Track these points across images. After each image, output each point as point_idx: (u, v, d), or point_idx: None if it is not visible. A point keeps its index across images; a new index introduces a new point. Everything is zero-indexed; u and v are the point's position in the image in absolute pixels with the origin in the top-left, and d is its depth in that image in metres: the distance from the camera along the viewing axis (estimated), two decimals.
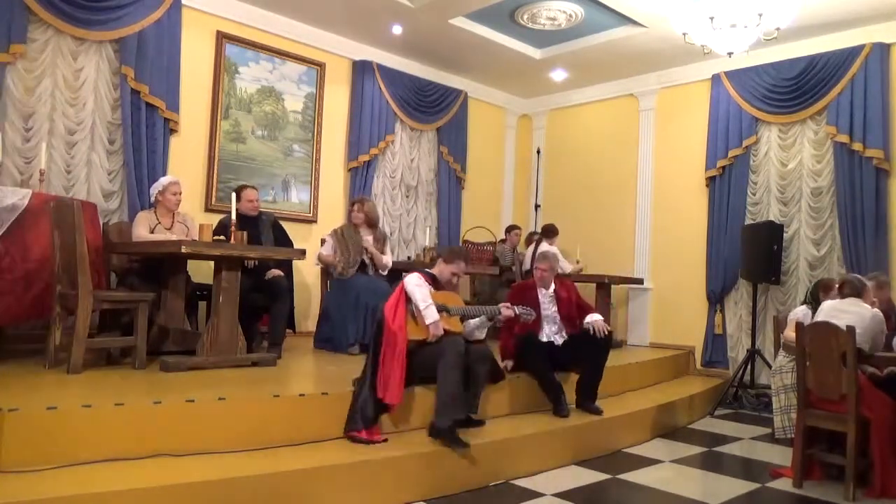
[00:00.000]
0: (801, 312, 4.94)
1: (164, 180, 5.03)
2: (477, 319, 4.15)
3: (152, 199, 5.03)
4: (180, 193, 5.04)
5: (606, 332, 4.67)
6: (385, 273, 5.84)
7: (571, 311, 4.90)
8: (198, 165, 6.15)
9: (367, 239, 5.79)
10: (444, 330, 3.89)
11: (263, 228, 5.45)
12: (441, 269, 4.13)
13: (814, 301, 4.89)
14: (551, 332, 4.85)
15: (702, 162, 7.29)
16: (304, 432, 3.51)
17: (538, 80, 8.25)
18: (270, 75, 6.67)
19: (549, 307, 4.89)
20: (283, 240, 5.59)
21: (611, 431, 4.72)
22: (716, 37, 5.36)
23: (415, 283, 3.95)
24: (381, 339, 3.79)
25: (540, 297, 4.90)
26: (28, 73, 5.22)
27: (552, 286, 4.95)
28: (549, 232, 7.55)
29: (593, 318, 4.72)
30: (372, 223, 5.89)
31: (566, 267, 7.25)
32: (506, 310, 4.19)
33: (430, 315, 3.86)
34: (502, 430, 4.08)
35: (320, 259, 5.83)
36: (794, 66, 6.60)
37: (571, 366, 4.82)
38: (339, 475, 3.22)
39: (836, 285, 4.54)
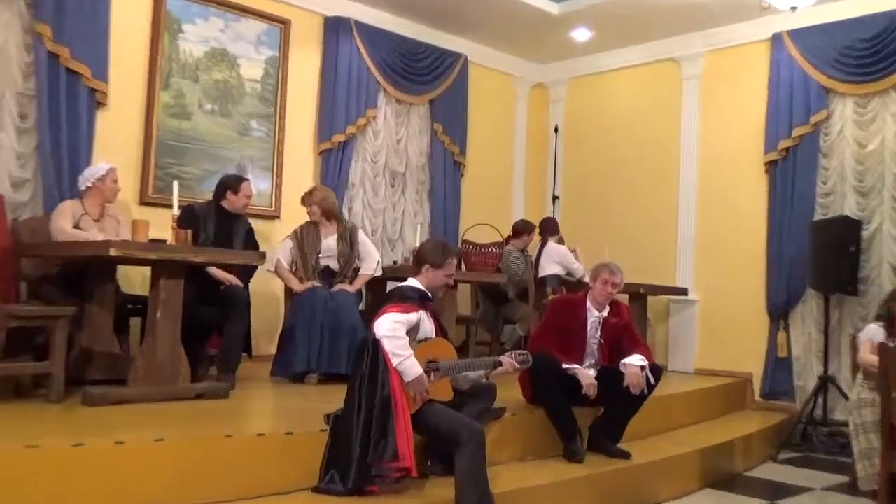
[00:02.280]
0: (873, 331, 5.01)
1: (104, 166, 5.09)
2: (473, 375, 4.04)
3: (83, 186, 5.05)
4: (119, 182, 5.12)
5: (644, 390, 4.63)
6: (376, 272, 5.92)
7: (615, 339, 4.85)
8: (131, 147, 6.12)
9: (327, 242, 5.83)
10: (432, 398, 3.73)
11: (238, 232, 5.49)
12: (432, 278, 4.02)
13: (888, 316, 4.97)
14: (585, 365, 4.80)
15: (760, 143, 7.29)
16: (264, 482, 3.48)
17: (556, 42, 8.23)
18: (222, 35, 6.65)
19: (593, 335, 4.84)
20: (252, 248, 5.57)
21: (647, 480, 4.71)
22: None
23: (384, 333, 3.65)
24: (387, 385, 3.61)
25: (589, 320, 4.83)
26: None
27: (606, 308, 4.87)
28: (552, 228, 7.57)
29: (631, 369, 4.59)
30: (330, 214, 5.94)
31: (577, 269, 7.24)
32: (506, 360, 4.09)
33: (410, 371, 3.61)
34: (511, 478, 4.05)
35: (276, 269, 5.79)
36: (874, 24, 6.60)
37: (598, 402, 4.78)
38: None
39: None
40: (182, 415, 4.01)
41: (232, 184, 5.49)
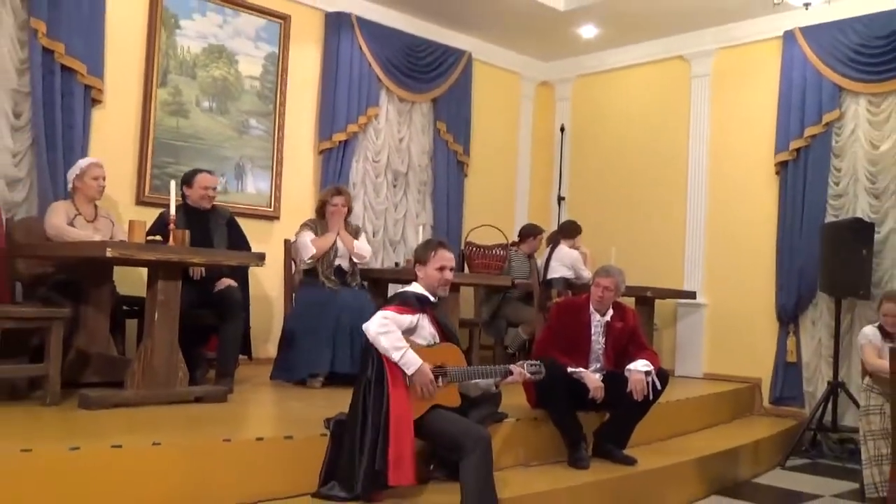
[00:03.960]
0: (869, 334, 5.15)
1: (82, 162, 5.10)
2: (483, 383, 4.07)
3: (69, 186, 5.08)
4: (103, 178, 5.10)
5: (649, 395, 4.65)
6: (365, 258, 5.99)
7: (621, 344, 4.88)
8: (127, 145, 6.16)
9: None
10: (436, 405, 3.76)
11: (216, 226, 5.48)
12: (425, 276, 4.02)
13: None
14: (590, 370, 4.83)
15: (770, 143, 7.31)
16: (263, 487, 3.51)
17: (562, 39, 8.26)
18: (220, 31, 6.69)
19: (598, 340, 4.88)
20: (239, 242, 5.61)
21: (653, 487, 4.73)
22: None
23: (376, 329, 3.70)
24: (386, 391, 3.65)
25: (592, 324, 4.86)
26: None
27: (609, 312, 4.91)
28: (568, 230, 7.55)
29: (635, 375, 4.61)
30: (350, 213, 6.08)
31: (585, 274, 7.25)
32: (516, 369, 4.08)
33: (411, 363, 3.66)
34: (515, 484, 4.07)
35: (316, 251, 5.74)
36: (890, 21, 6.61)
37: (604, 407, 4.82)
38: None
39: None
40: (180, 418, 4.03)
41: (187, 178, 5.46)
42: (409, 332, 3.83)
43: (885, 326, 5.11)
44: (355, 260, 5.93)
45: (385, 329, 3.70)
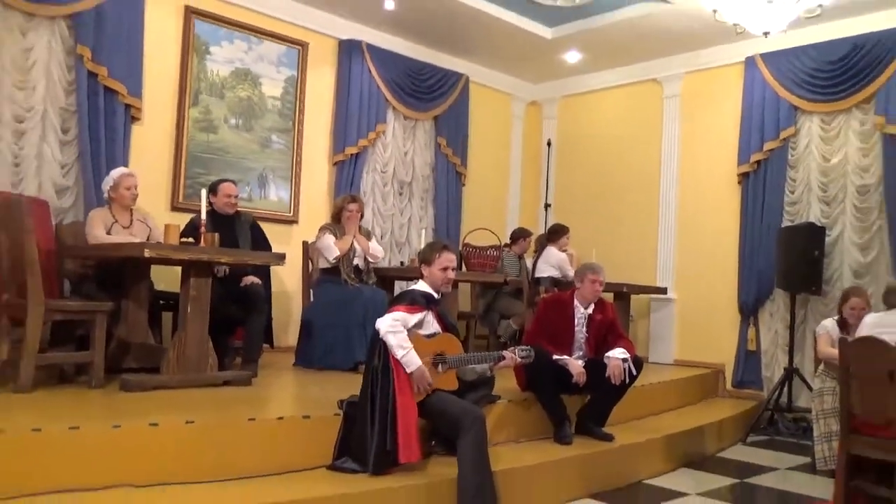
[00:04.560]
0: (828, 326, 5.16)
1: (115, 173, 5.05)
2: (479, 368, 4.09)
3: (105, 195, 5.07)
4: (136, 187, 5.07)
5: (626, 380, 4.66)
6: (379, 258, 6.10)
7: (600, 334, 4.88)
8: (163, 158, 6.17)
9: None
10: (436, 388, 3.79)
11: (241, 230, 5.49)
12: (430, 275, 4.04)
13: (841, 316, 5.17)
14: (573, 358, 4.83)
15: (733, 156, 7.33)
16: (284, 461, 3.53)
17: (549, 63, 8.29)
18: (246, 56, 6.70)
19: (580, 330, 4.89)
20: (262, 243, 5.63)
21: (630, 460, 4.75)
22: (750, 14, 5.40)
23: (386, 329, 3.73)
24: (392, 380, 3.66)
25: (576, 316, 4.88)
26: None
27: (591, 306, 4.91)
28: (555, 233, 7.49)
29: (613, 361, 4.62)
30: (362, 217, 6.14)
31: (571, 273, 7.24)
32: (508, 355, 4.10)
33: (411, 363, 3.69)
34: (506, 458, 4.09)
35: (339, 251, 5.79)
36: (839, 48, 6.63)
37: (585, 390, 4.83)
38: None
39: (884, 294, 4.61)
40: (210, 400, 4.05)
41: (212, 187, 5.47)
42: (416, 327, 3.87)
43: (848, 319, 5.09)
44: (370, 259, 5.98)
45: (394, 329, 3.74)
